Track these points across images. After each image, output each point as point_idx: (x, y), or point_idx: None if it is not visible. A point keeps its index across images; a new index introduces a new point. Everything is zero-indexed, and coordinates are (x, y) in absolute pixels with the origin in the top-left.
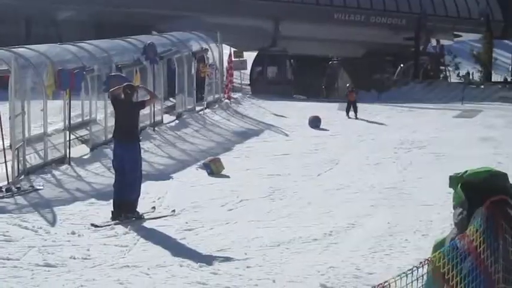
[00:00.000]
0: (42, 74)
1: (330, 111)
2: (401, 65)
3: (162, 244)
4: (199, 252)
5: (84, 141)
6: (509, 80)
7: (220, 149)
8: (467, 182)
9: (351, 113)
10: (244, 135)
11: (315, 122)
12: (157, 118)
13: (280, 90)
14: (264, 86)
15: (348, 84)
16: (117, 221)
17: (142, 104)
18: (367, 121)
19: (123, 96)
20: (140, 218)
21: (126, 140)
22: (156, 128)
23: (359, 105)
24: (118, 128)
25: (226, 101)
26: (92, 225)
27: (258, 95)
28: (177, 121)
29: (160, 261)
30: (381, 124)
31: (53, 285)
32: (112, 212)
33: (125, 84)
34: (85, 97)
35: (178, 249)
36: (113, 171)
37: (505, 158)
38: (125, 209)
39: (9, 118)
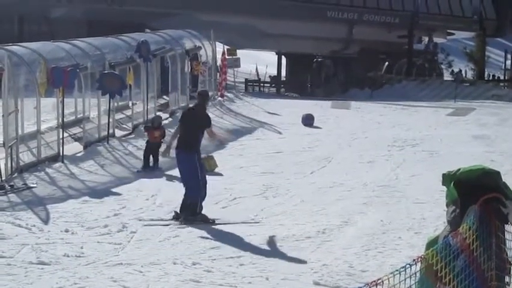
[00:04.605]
0: (35, 71)
1: (323, 109)
2: (387, 62)
3: (155, 242)
4: (192, 250)
5: (77, 139)
6: (501, 78)
7: (214, 146)
8: (461, 180)
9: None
10: (238, 133)
11: (308, 120)
12: (151, 116)
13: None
14: (335, 87)
15: (153, 116)
16: (179, 221)
17: (208, 124)
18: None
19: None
20: (208, 221)
21: (185, 151)
22: None
23: (352, 104)
24: (182, 139)
25: (220, 98)
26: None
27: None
28: (170, 119)
29: (153, 258)
30: (374, 122)
31: (46, 283)
32: (176, 212)
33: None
34: (78, 95)
35: (171, 247)
36: (106, 169)
37: (498, 156)
38: (185, 211)
39: (3, 116)
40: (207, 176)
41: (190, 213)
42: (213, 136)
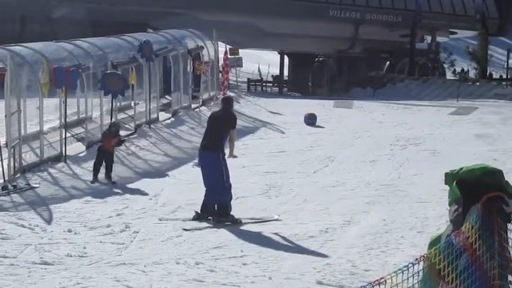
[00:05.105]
0: (37, 72)
1: (325, 109)
2: (388, 62)
3: (158, 241)
4: (195, 250)
5: (80, 139)
6: (503, 77)
7: None
8: (463, 179)
9: (101, 175)
10: (240, 133)
11: (310, 119)
12: (153, 116)
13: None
14: (343, 86)
15: (112, 121)
16: (212, 224)
17: (233, 125)
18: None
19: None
20: (236, 222)
21: (210, 150)
22: (151, 126)
23: (355, 103)
24: (206, 139)
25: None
26: (184, 229)
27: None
28: (172, 118)
29: (156, 258)
30: (377, 121)
31: (49, 283)
32: (197, 212)
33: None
34: (81, 95)
35: (174, 247)
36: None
37: (501, 154)
38: (216, 213)
39: (5, 116)
40: None
41: (222, 214)
42: (232, 141)
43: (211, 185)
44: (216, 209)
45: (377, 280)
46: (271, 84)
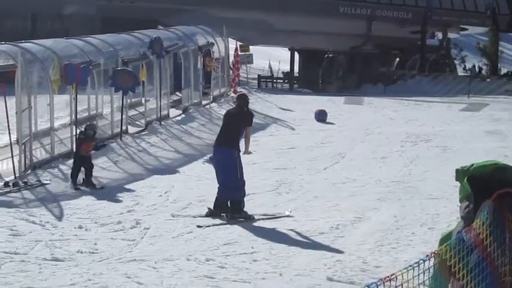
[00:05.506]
0: (48, 68)
1: (336, 105)
2: (398, 58)
3: (169, 238)
4: (206, 246)
5: None
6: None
7: None
8: (474, 176)
9: (79, 179)
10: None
11: (321, 116)
12: (164, 112)
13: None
14: (354, 83)
15: (87, 124)
16: (225, 220)
17: (250, 122)
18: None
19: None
20: (250, 218)
21: (225, 146)
22: (162, 122)
23: (365, 99)
24: (221, 135)
25: (233, 95)
26: (198, 226)
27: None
28: (183, 115)
29: (167, 255)
30: (387, 118)
31: (60, 279)
32: (209, 209)
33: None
34: (91, 92)
35: (185, 243)
36: (119, 166)
37: (511, 151)
38: (229, 209)
39: (16, 113)
40: None
41: (235, 210)
42: (248, 137)
43: (225, 182)
44: (229, 205)
45: (388, 276)
46: (281, 81)
